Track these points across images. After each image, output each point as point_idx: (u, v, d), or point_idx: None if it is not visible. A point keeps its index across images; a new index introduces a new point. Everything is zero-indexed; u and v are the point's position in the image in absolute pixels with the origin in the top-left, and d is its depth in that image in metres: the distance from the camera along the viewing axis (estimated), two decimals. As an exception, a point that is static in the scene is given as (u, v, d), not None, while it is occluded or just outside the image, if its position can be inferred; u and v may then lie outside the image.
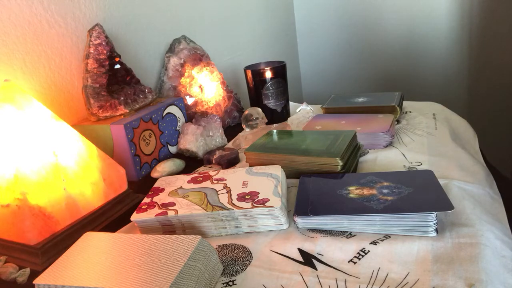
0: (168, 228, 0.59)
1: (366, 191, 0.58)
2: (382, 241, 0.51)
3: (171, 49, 1.07)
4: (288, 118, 1.06)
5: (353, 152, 0.72)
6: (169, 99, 0.96)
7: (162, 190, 0.65)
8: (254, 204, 0.56)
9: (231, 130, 1.07)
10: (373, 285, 0.44)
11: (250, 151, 0.74)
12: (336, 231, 0.54)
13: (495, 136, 1.65)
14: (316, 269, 0.48)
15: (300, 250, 0.52)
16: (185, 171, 0.85)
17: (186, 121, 0.98)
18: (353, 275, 0.46)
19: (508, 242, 0.51)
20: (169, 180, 0.68)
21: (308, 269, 0.48)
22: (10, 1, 0.74)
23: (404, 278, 0.44)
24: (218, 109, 1.08)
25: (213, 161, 0.84)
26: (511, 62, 1.56)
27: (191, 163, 0.88)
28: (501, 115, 1.63)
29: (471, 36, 1.59)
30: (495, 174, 0.73)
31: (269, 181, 0.62)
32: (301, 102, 1.10)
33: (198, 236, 0.48)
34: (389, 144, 0.80)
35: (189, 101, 1.04)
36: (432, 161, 0.71)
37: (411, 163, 0.72)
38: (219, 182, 0.65)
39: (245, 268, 0.50)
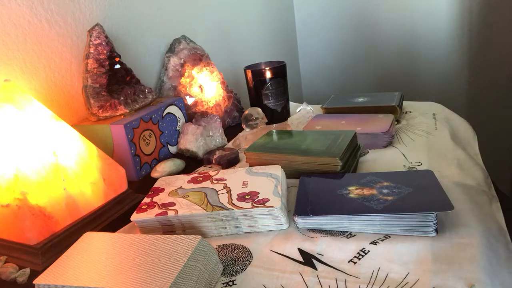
0: (168, 228, 0.59)
1: (366, 191, 0.58)
2: (382, 241, 0.51)
3: (171, 49, 1.07)
4: (288, 118, 1.06)
5: (353, 152, 0.72)
6: (169, 99, 0.96)
7: (162, 190, 0.65)
8: (254, 204, 0.56)
9: (231, 130, 1.07)
10: (373, 285, 0.44)
11: (250, 151, 0.74)
12: (336, 231, 0.54)
13: (495, 136, 1.65)
14: (316, 269, 0.48)
15: (300, 250, 0.52)
16: (185, 171, 0.85)
17: (186, 121, 0.98)
18: (353, 275, 0.46)
19: (506, 244, 0.51)
20: (169, 180, 0.68)
21: (308, 269, 0.48)
22: (10, 1, 0.74)
23: (404, 278, 0.44)
24: (218, 109, 1.08)
25: (213, 161, 0.84)
26: (511, 62, 1.56)
27: (191, 163, 0.88)
28: (501, 115, 1.63)
29: (471, 36, 1.59)
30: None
31: (269, 181, 0.62)
32: (301, 102, 1.10)
33: (198, 236, 0.48)
34: (389, 144, 0.80)
35: (189, 101, 1.04)
36: (432, 161, 0.71)
37: (411, 163, 0.72)
38: (219, 182, 0.65)
39: (245, 268, 0.50)
